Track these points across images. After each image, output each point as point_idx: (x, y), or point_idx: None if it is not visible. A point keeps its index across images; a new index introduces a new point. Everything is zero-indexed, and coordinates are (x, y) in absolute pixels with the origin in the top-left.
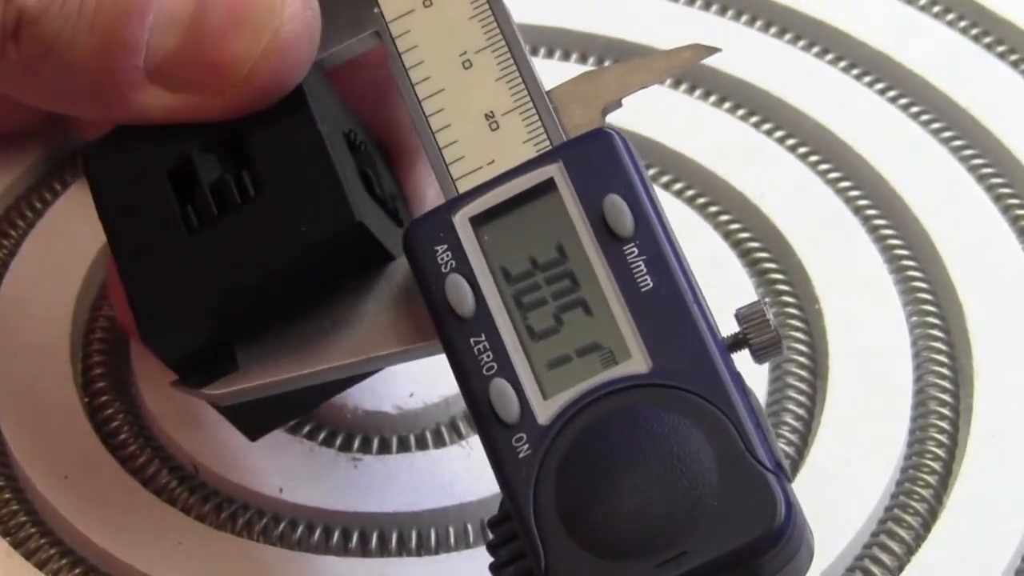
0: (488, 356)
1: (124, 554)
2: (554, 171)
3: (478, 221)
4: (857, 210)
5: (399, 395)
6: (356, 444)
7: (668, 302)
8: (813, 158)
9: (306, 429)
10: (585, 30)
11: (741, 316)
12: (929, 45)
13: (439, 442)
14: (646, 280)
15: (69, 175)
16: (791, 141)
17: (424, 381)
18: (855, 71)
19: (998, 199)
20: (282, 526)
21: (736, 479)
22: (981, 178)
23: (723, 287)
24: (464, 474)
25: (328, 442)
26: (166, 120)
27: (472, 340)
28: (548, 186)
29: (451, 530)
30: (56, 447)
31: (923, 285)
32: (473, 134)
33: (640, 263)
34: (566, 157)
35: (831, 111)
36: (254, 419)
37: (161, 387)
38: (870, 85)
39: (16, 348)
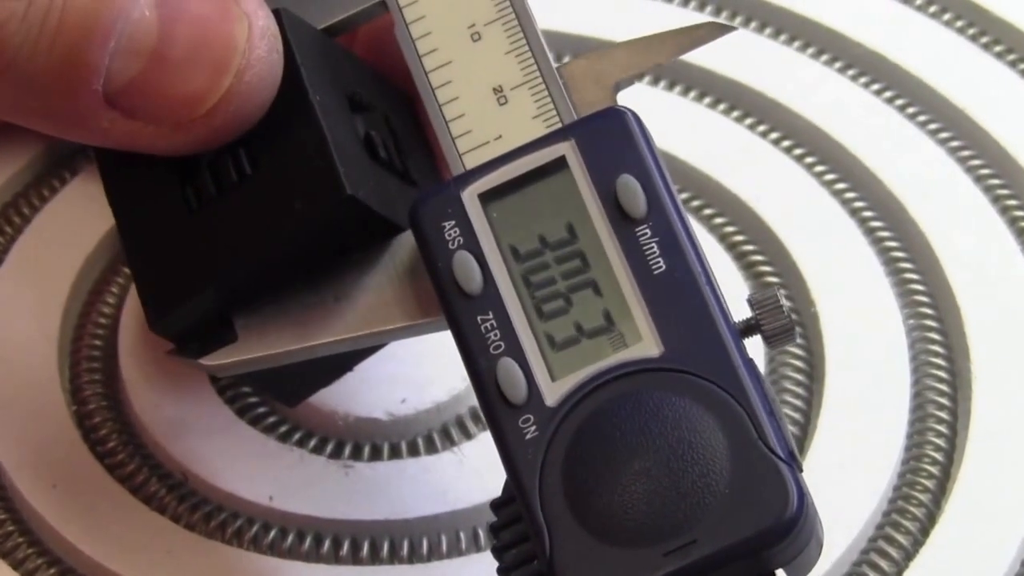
0: (495, 335)
1: (113, 563)
2: (566, 149)
3: (487, 197)
4: (853, 212)
5: (390, 401)
6: (347, 451)
7: (681, 285)
8: (809, 160)
9: (296, 436)
10: (577, 32)
11: (755, 302)
12: (925, 45)
13: (431, 449)
14: (659, 262)
15: (58, 180)
16: (786, 143)
17: (416, 387)
18: (851, 72)
19: (996, 200)
20: (272, 534)
21: (748, 467)
22: (979, 179)
23: None
24: (456, 481)
25: (318, 449)
26: (126, 146)
27: (479, 318)
28: (560, 164)
29: (443, 538)
30: (44, 455)
31: (920, 287)
32: (481, 108)
33: (653, 245)
34: (579, 135)
35: (827, 112)
36: (288, 386)
37: (150, 394)
38: (866, 86)
39: (3, 355)
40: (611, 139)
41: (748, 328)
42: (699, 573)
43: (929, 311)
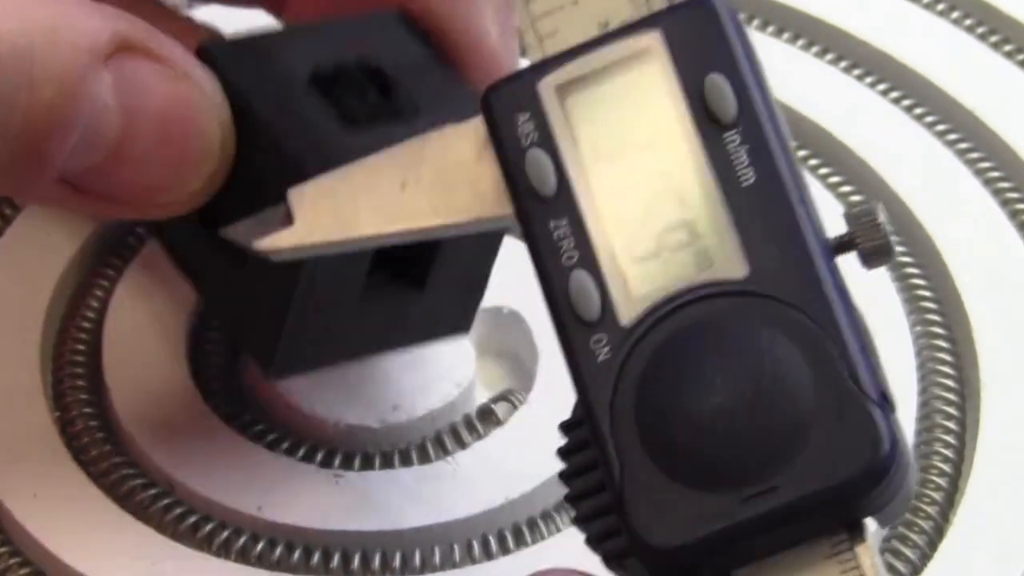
0: (569, 243)
1: (96, 575)
2: (651, 41)
3: (565, 90)
4: None
5: (382, 408)
6: (338, 460)
7: (771, 200)
8: (813, 161)
9: (285, 444)
10: None
11: (851, 217)
12: (933, 44)
13: (424, 458)
14: (748, 173)
15: None
16: (790, 144)
17: (409, 394)
18: (856, 71)
19: (1005, 204)
20: (261, 546)
21: (835, 408)
22: (988, 182)
23: None
24: (450, 491)
25: (308, 458)
26: (84, 215)
27: (552, 223)
28: (644, 57)
29: (436, 550)
30: (25, 463)
31: (927, 294)
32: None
33: (742, 153)
34: (666, 26)
35: (831, 112)
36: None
37: (135, 400)
38: (872, 85)
39: None
40: (701, 33)
41: (841, 246)
42: (780, 522)
43: (936, 318)
